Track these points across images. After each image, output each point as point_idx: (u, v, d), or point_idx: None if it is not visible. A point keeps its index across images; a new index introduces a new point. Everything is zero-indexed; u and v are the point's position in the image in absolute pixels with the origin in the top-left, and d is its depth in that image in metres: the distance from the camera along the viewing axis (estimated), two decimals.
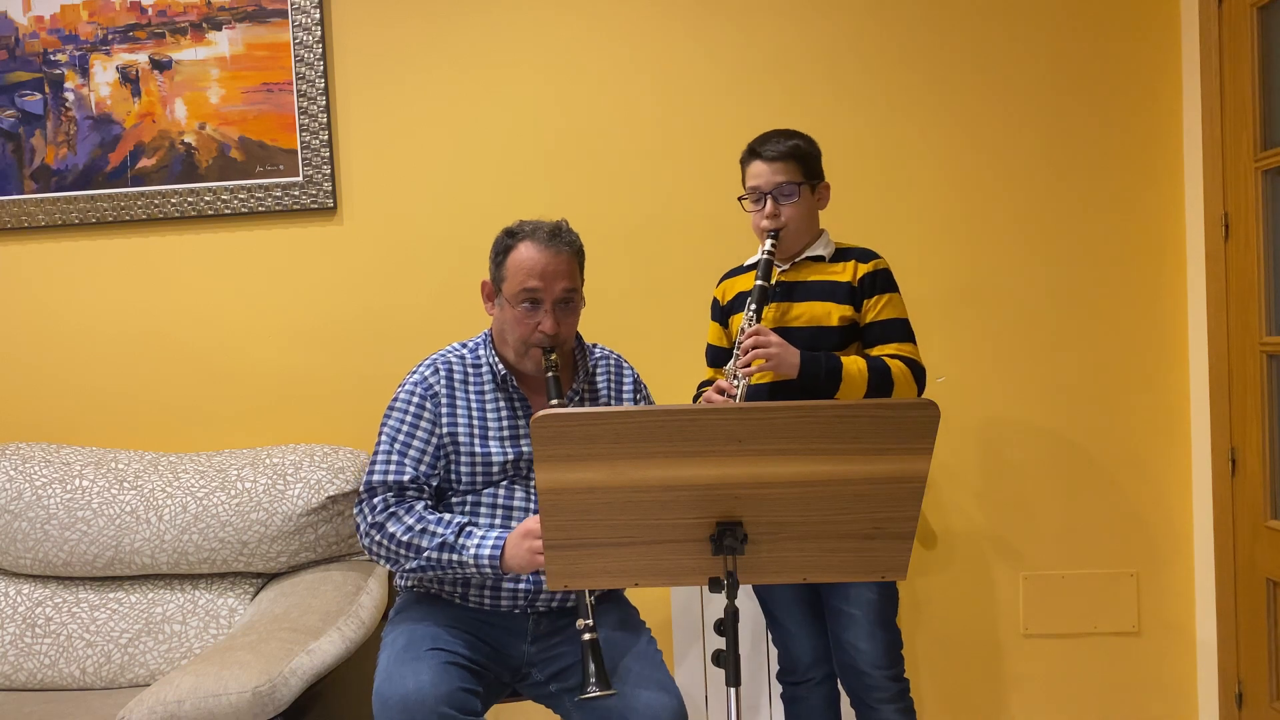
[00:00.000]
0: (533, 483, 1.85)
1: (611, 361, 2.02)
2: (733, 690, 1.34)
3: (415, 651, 1.71)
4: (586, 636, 1.67)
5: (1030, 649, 2.59)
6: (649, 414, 1.28)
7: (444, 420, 1.84)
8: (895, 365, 1.87)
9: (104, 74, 2.63)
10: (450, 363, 1.90)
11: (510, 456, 1.84)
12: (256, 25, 2.59)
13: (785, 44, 2.56)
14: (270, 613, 2.14)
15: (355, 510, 1.83)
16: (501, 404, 1.88)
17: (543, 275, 1.81)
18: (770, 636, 2.13)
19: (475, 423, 1.85)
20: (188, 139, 2.62)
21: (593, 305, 2.57)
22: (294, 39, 2.58)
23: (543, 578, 1.77)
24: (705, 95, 2.58)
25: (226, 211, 2.62)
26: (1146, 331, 2.55)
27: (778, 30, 2.56)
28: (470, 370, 1.90)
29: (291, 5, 2.58)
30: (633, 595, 2.07)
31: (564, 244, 1.85)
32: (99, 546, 2.32)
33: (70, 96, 2.64)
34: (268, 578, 2.40)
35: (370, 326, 2.63)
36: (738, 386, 1.83)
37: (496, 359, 1.89)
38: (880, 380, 1.85)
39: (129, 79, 2.62)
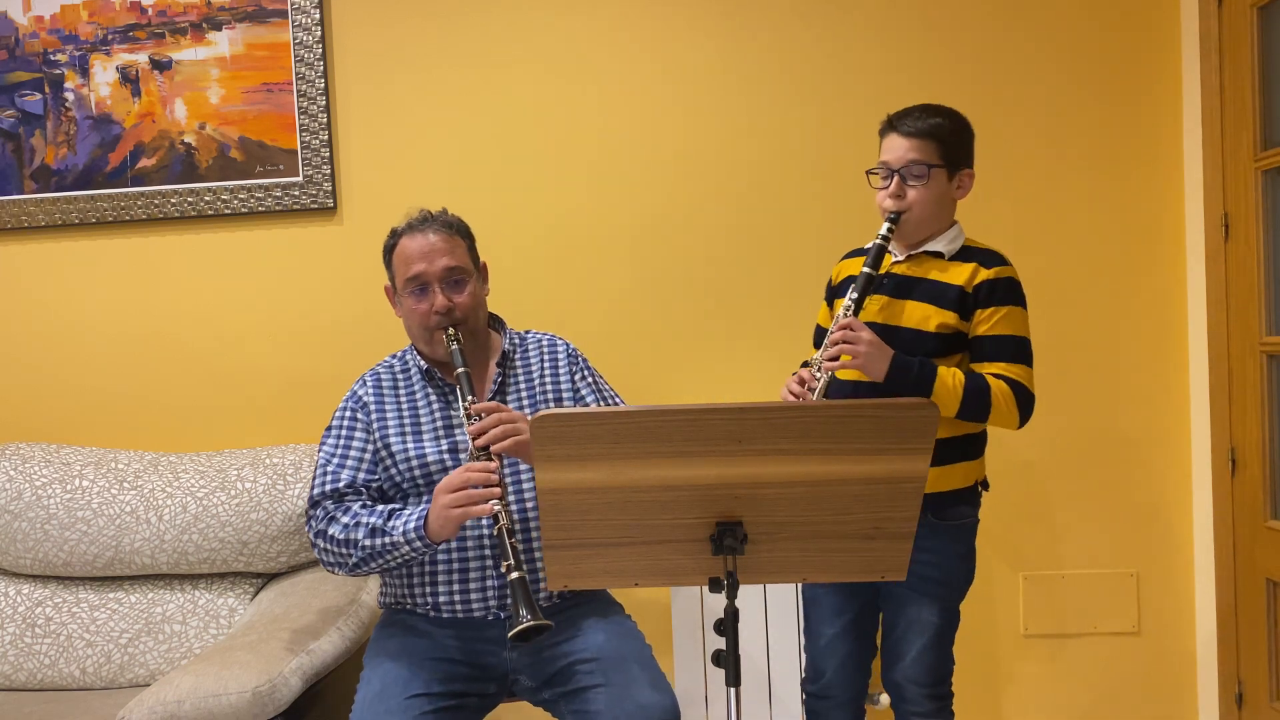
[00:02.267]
0: None
1: (544, 343, 2.01)
2: (733, 690, 1.34)
3: (388, 702, 1.69)
4: (513, 575, 1.59)
5: (1030, 649, 2.59)
6: (649, 414, 1.28)
7: (375, 427, 1.87)
8: (997, 385, 1.71)
9: (104, 74, 2.63)
10: (379, 373, 1.95)
11: (445, 448, 1.85)
12: (256, 25, 2.59)
13: (787, 42, 2.56)
14: (270, 613, 2.14)
15: (306, 527, 1.87)
16: (432, 398, 1.90)
17: (421, 257, 1.85)
18: (801, 643, 2.03)
19: (407, 424, 1.87)
20: (188, 139, 2.62)
21: (596, 306, 2.58)
22: (294, 39, 2.58)
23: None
24: (707, 95, 2.57)
25: (226, 211, 2.62)
26: (1146, 331, 2.55)
27: (780, 28, 2.56)
28: (399, 375, 1.94)
29: (291, 5, 2.58)
30: (633, 595, 2.07)
31: (438, 225, 1.89)
32: (99, 546, 2.32)
33: (70, 96, 2.64)
34: (268, 578, 2.40)
35: (370, 326, 2.62)
36: (819, 379, 1.70)
37: (418, 356, 1.93)
38: (976, 400, 1.69)
39: (129, 79, 2.62)
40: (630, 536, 1.36)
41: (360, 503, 1.82)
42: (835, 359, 1.70)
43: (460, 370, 1.79)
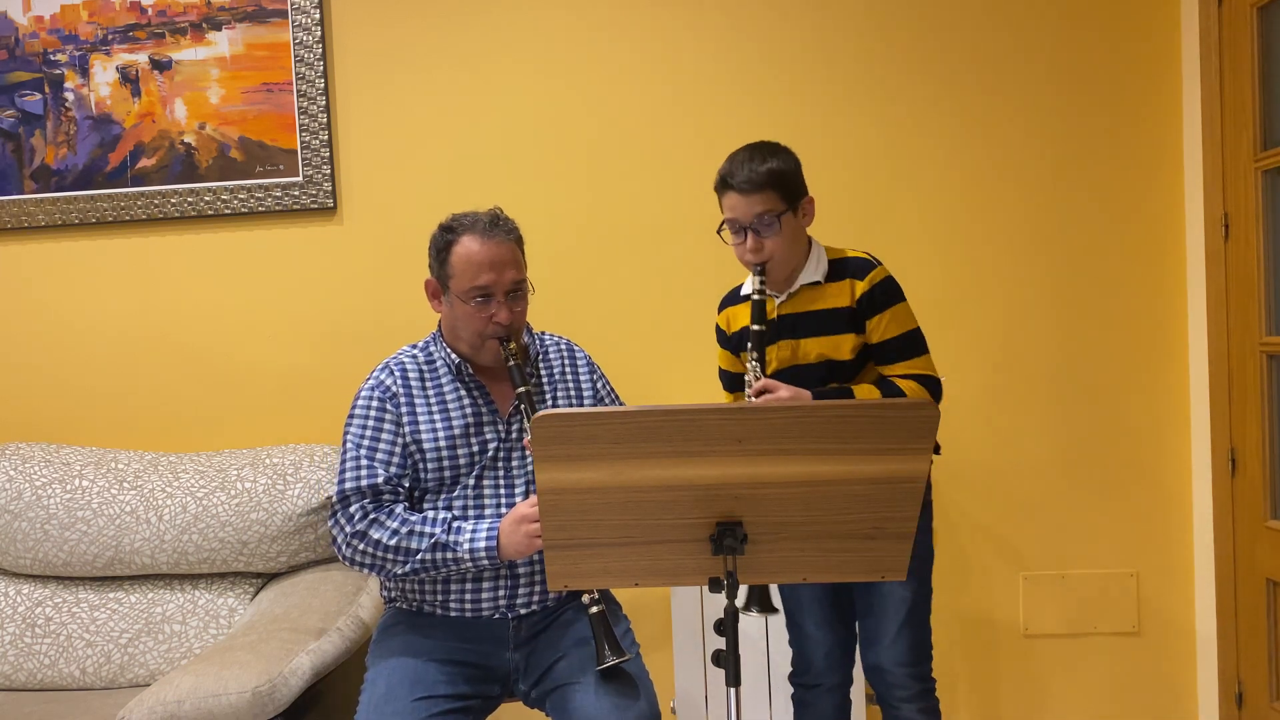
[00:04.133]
0: (501, 470, 1.84)
1: (563, 346, 2.00)
2: (733, 690, 1.34)
3: (395, 704, 1.68)
4: (593, 610, 1.70)
5: (1030, 649, 2.59)
6: (649, 414, 1.28)
7: (405, 422, 1.83)
8: (907, 386, 1.81)
9: (104, 74, 2.63)
10: (404, 364, 1.89)
11: (475, 448, 1.84)
12: (256, 25, 2.59)
13: (789, 44, 2.56)
14: (270, 613, 2.14)
15: (330, 522, 1.80)
16: (462, 395, 1.86)
17: (492, 267, 1.79)
18: (787, 636, 2.07)
19: (438, 421, 1.84)
20: (188, 139, 2.62)
21: (595, 306, 2.58)
22: (294, 39, 2.58)
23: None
24: (706, 94, 2.58)
25: (226, 211, 2.62)
26: (1146, 331, 2.55)
27: (781, 30, 2.56)
28: (425, 368, 1.89)
29: (291, 5, 2.58)
30: (633, 595, 2.07)
31: (505, 233, 1.83)
32: (99, 546, 2.32)
33: (70, 96, 2.64)
34: (268, 578, 2.40)
35: (370, 326, 2.62)
36: None
37: (449, 352, 1.88)
38: None
39: (129, 79, 2.62)
40: (630, 536, 1.36)
41: (401, 505, 1.79)
42: None
43: (522, 389, 1.77)
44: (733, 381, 2.06)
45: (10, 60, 2.64)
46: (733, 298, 2.03)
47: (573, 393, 1.95)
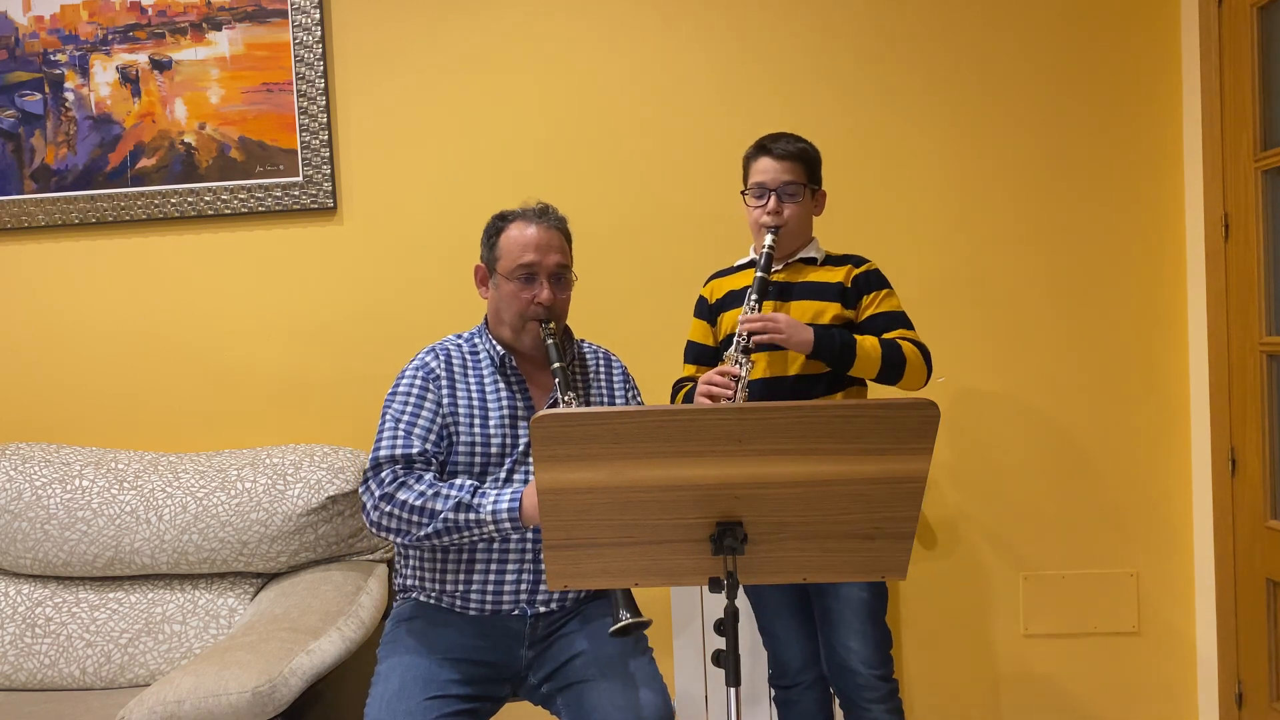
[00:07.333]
0: (532, 465, 1.85)
1: (600, 354, 2.04)
2: (733, 690, 1.34)
3: (408, 702, 1.69)
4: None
5: (1030, 649, 2.59)
6: (649, 414, 1.28)
7: (445, 404, 1.85)
8: (907, 345, 1.89)
9: (104, 74, 2.63)
10: (449, 350, 1.92)
11: (509, 440, 1.85)
12: (256, 25, 2.59)
13: (784, 45, 2.56)
14: (270, 613, 2.14)
15: (361, 488, 1.82)
16: (501, 387, 1.89)
17: (537, 248, 1.87)
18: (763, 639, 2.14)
19: (476, 408, 1.86)
20: (188, 139, 2.62)
21: (590, 305, 2.57)
22: (294, 39, 2.58)
23: (540, 568, 1.78)
24: (703, 95, 2.58)
25: (226, 211, 2.62)
26: (1146, 331, 2.55)
27: (776, 31, 2.56)
28: (469, 357, 1.92)
29: (291, 5, 2.58)
30: (633, 595, 2.06)
31: (552, 221, 1.92)
32: (99, 546, 2.32)
33: (70, 96, 2.64)
34: (268, 578, 2.40)
35: (370, 326, 2.63)
36: (743, 368, 1.83)
37: (493, 343, 1.91)
38: (894, 356, 1.86)
39: (129, 79, 2.62)
40: (630, 536, 1.35)
41: (432, 473, 1.80)
42: (754, 344, 1.85)
43: (556, 365, 1.81)
44: (699, 354, 2.12)
45: (10, 60, 2.64)
46: (722, 272, 2.14)
47: (605, 401, 1.98)
